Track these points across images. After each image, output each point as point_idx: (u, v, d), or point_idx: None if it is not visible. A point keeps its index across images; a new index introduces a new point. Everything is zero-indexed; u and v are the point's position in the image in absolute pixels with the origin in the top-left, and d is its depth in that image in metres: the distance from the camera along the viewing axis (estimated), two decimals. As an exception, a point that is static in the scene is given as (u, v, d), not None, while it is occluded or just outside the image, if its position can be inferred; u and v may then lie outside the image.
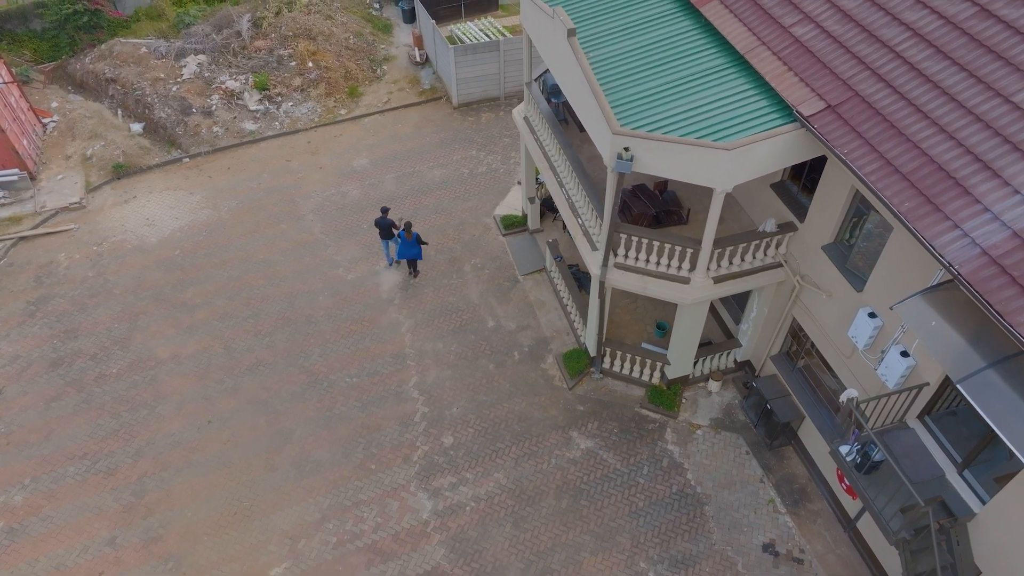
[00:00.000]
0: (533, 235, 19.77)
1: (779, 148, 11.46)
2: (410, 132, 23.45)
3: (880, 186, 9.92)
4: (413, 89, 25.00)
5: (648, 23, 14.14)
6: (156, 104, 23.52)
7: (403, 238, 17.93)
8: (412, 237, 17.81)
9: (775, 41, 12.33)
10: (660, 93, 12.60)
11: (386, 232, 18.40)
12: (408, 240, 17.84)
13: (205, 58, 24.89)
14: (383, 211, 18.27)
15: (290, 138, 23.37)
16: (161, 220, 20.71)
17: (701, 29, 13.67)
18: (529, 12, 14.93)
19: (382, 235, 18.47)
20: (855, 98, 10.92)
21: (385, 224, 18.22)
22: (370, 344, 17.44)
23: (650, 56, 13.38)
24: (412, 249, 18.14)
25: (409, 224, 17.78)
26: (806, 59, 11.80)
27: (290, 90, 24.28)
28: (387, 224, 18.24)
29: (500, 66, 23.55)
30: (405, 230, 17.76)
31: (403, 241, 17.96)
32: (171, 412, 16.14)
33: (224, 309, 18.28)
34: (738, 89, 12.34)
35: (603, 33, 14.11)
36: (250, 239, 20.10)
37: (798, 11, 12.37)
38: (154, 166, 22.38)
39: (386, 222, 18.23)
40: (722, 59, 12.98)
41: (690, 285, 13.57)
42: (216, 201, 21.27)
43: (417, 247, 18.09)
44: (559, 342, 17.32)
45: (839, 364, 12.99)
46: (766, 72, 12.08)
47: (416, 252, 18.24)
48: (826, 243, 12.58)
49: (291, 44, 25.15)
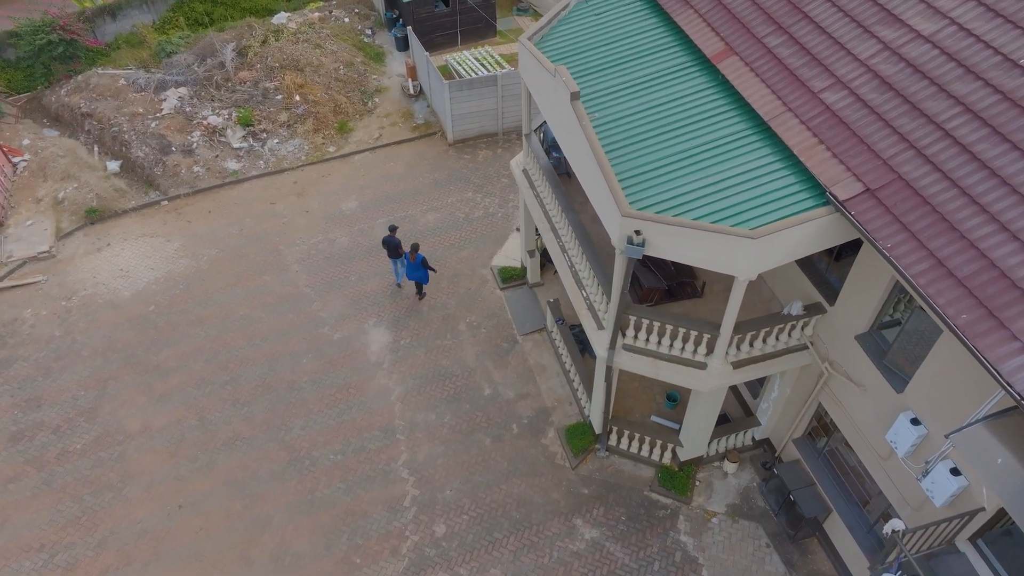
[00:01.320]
0: (533, 289, 18.47)
1: (810, 234, 10.16)
2: (402, 171, 22.14)
3: (931, 291, 8.62)
4: (406, 124, 23.70)
5: (659, 79, 12.83)
6: (134, 142, 22.21)
7: (407, 260, 17.46)
8: (416, 259, 17.22)
9: (803, 108, 11.02)
10: (674, 164, 11.29)
11: (393, 251, 17.96)
12: (412, 262, 17.29)
13: (186, 91, 23.58)
14: (391, 230, 17.88)
15: (275, 178, 22.07)
16: (136, 271, 19.39)
17: (718, 88, 12.37)
18: (528, 64, 13.63)
19: (390, 254, 18.09)
20: (898, 182, 9.61)
21: (393, 243, 17.86)
22: (357, 415, 16.13)
23: (662, 118, 12.07)
24: (417, 272, 17.53)
25: (416, 246, 17.17)
26: (840, 131, 10.50)
27: (276, 126, 22.97)
28: (395, 244, 17.89)
29: (498, 101, 22.26)
30: (410, 252, 17.15)
31: (408, 263, 17.39)
32: (139, 495, 14.82)
33: (200, 374, 16.96)
34: (762, 162, 11.03)
35: (610, 89, 12.80)
36: (230, 293, 18.79)
37: (829, 74, 11.07)
38: (130, 210, 21.07)
39: (394, 241, 17.87)
40: (743, 124, 11.68)
41: (707, 371, 12.26)
42: (195, 249, 19.96)
43: (422, 270, 17.50)
44: (561, 413, 16.01)
45: (873, 463, 11.69)
46: (794, 144, 10.77)
47: (421, 275, 17.69)
48: (860, 332, 11.29)
49: (277, 76, 23.85)
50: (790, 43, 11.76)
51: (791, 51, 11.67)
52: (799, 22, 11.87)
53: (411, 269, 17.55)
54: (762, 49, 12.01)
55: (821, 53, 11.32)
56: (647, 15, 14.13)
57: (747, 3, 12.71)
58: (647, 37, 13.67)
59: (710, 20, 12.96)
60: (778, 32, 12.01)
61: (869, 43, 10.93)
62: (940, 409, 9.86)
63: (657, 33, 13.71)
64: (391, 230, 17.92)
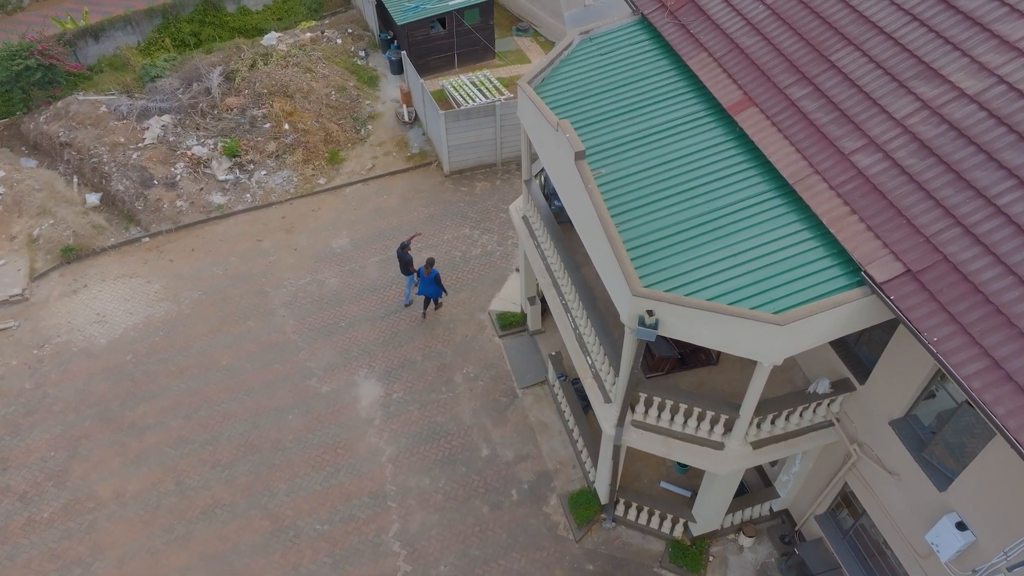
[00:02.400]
0: (534, 337, 17.41)
1: (843, 318, 9.11)
2: (396, 205, 21.09)
3: (986, 398, 7.57)
4: (400, 153, 22.65)
5: (671, 130, 11.76)
6: (114, 174, 21.16)
7: (421, 274, 16.99)
8: (431, 274, 16.82)
9: (832, 170, 9.97)
10: (689, 231, 10.23)
11: (405, 268, 17.63)
12: (427, 276, 16.90)
13: (170, 119, 22.52)
14: (403, 246, 17.47)
15: (262, 212, 21.02)
16: (113, 315, 18.33)
17: (737, 142, 11.31)
18: (528, 110, 12.58)
19: (402, 270, 17.74)
20: (944, 264, 8.56)
21: (405, 259, 17.54)
22: (345, 478, 15.07)
23: (675, 176, 11.02)
24: (430, 287, 17.13)
25: (431, 260, 16.84)
26: (874, 200, 9.44)
27: (263, 156, 21.92)
28: (407, 260, 17.56)
29: (496, 131, 21.21)
30: (425, 267, 16.69)
31: (422, 277, 16.99)
32: (109, 572, 13.75)
33: (178, 432, 15.90)
34: (787, 230, 9.98)
35: (617, 141, 11.75)
36: (213, 340, 17.73)
37: (860, 133, 10.01)
38: (109, 248, 20.01)
39: (406, 257, 17.52)
40: (765, 186, 10.63)
41: (724, 451, 11.20)
42: (177, 291, 18.90)
43: (435, 286, 17.03)
44: (564, 477, 14.95)
45: (908, 559, 10.64)
46: (822, 212, 9.72)
47: (435, 291, 17.31)
48: (896, 418, 10.24)
49: (266, 103, 22.79)
50: (816, 95, 10.71)
51: (817, 104, 10.62)
52: (825, 72, 10.82)
53: (425, 284, 17.11)
54: (785, 101, 10.96)
55: (851, 109, 10.26)
56: (657, 56, 13.07)
57: (767, 47, 11.66)
58: (657, 81, 12.62)
59: (726, 65, 11.90)
60: (802, 82, 10.96)
61: (905, 100, 9.88)
62: (993, 516, 8.82)
63: (668, 77, 12.65)
64: (403, 246, 17.44)
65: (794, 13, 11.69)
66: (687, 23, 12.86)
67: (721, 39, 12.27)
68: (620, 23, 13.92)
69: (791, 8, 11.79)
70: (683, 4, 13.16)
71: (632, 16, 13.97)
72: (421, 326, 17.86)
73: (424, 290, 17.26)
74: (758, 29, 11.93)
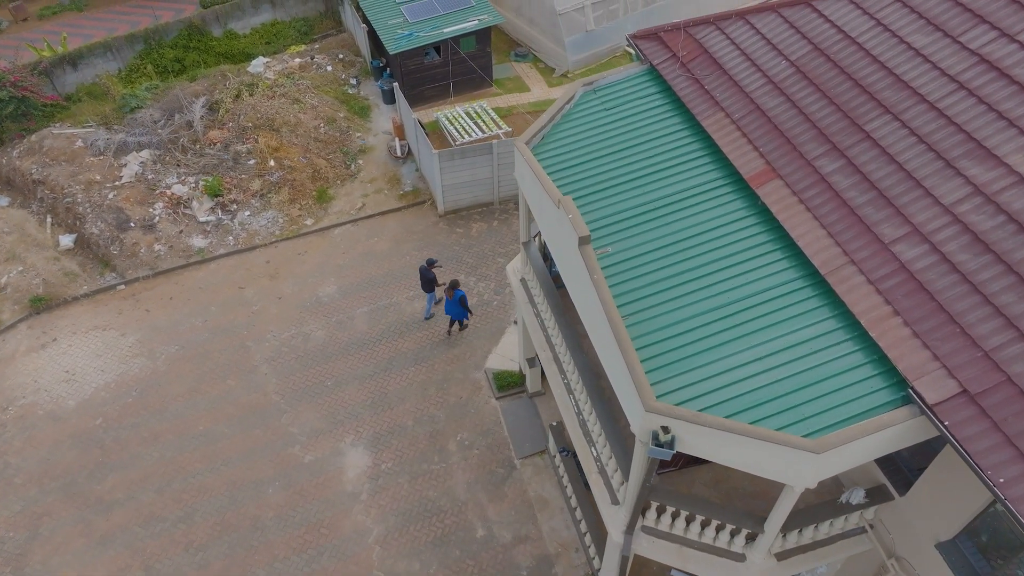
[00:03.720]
0: (533, 400, 16.24)
1: (887, 440, 7.95)
2: (387, 249, 19.92)
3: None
4: (392, 190, 21.48)
5: (684, 201, 10.58)
6: (89, 215, 20.00)
7: (446, 297, 16.70)
8: (455, 296, 16.41)
9: (870, 261, 8.80)
10: (707, 327, 9.05)
11: (427, 285, 17.33)
12: (451, 299, 16.55)
13: (149, 155, 21.37)
14: (429, 263, 17.18)
15: (246, 257, 19.84)
16: (83, 373, 17.16)
17: (758, 217, 10.13)
18: (525, 175, 11.42)
19: (423, 287, 17.44)
20: (1008, 387, 7.40)
21: (428, 277, 17.21)
22: (329, 562, 13.89)
23: (690, 259, 9.84)
24: (455, 309, 16.78)
25: (455, 283, 16.41)
26: (921, 301, 8.28)
27: (247, 196, 20.76)
28: (430, 278, 17.23)
29: (494, 170, 20.05)
30: (448, 290, 16.18)
31: (447, 300, 16.72)
32: (69, 674, 12.62)
33: (149, 508, 14.73)
34: (820, 329, 8.80)
35: (624, 213, 10.57)
36: (189, 402, 16.55)
37: (902, 219, 8.85)
38: (82, 296, 18.84)
39: (429, 275, 17.19)
40: (793, 272, 9.47)
41: (746, 564, 10.04)
42: (152, 345, 17.73)
43: (460, 308, 16.48)
44: (566, 562, 13.77)
45: None
46: (860, 311, 8.55)
47: (459, 312, 16.94)
48: (943, 540, 9.06)
49: (250, 137, 21.63)
50: (849, 171, 9.55)
51: (850, 181, 9.46)
52: (859, 143, 9.66)
53: (450, 306, 16.81)
54: (813, 175, 9.80)
55: (890, 189, 9.11)
56: (668, 113, 11.90)
57: (791, 110, 10.50)
58: (669, 143, 11.44)
59: (746, 129, 10.73)
60: (833, 154, 9.80)
61: (954, 183, 8.73)
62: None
63: (680, 138, 11.47)
64: (429, 263, 17.18)
65: (821, 72, 10.53)
66: (701, 77, 11.69)
67: (739, 98, 11.11)
68: (627, 72, 12.75)
69: (818, 66, 10.63)
70: (696, 56, 12.00)
71: (640, 65, 12.80)
72: (412, 386, 16.69)
73: (449, 311, 16.95)
74: (781, 89, 10.77)
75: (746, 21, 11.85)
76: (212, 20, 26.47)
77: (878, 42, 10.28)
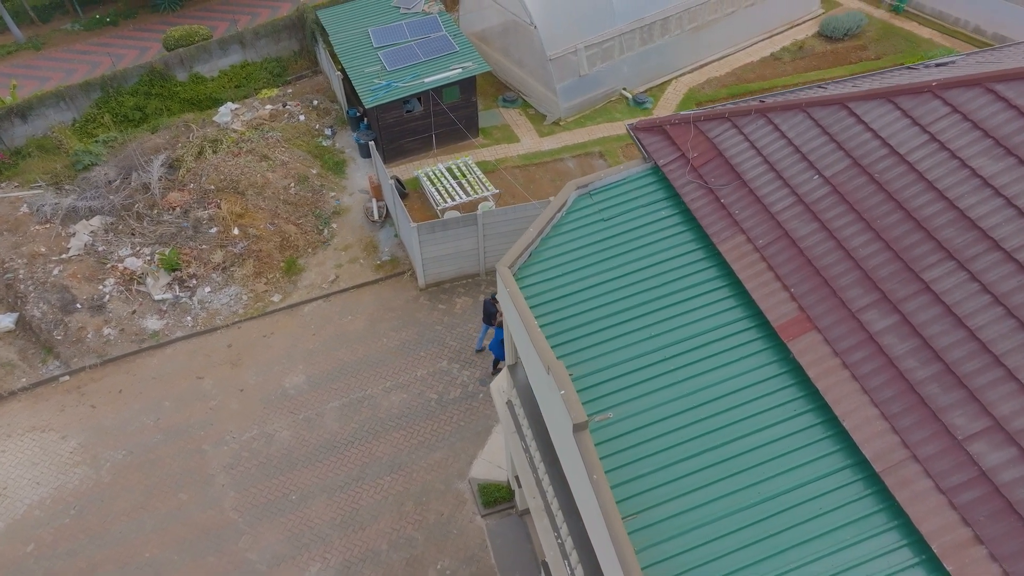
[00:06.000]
0: (523, 518, 14.43)
1: None
2: (362, 329, 18.07)
3: None
4: (369, 259, 19.64)
5: (699, 350, 8.72)
6: (31, 294, 18.09)
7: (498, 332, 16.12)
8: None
9: (940, 464, 6.97)
10: (733, 536, 7.25)
11: (488, 318, 16.83)
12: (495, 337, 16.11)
13: (100, 222, 19.49)
14: (493, 296, 16.61)
15: (205, 340, 17.95)
16: (16, 487, 15.26)
17: (792, 376, 8.34)
18: (508, 307, 9.61)
19: (484, 320, 16.99)
20: None
21: (490, 311, 16.68)
22: None
23: (707, 434, 8.00)
24: (499, 348, 15.91)
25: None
26: (1014, 527, 6.50)
27: (208, 269, 18.88)
28: (492, 312, 16.64)
29: (479, 241, 18.25)
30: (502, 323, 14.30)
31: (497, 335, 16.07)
32: None
33: (83, 660, 12.87)
34: (877, 545, 7.01)
35: (627, 365, 8.75)
36: (135, 522, 14.67)
37: (979, 407, 7.01)
38: (19, 390, 16.94)
39: (491, 308, 16.60)
40: (836, 457, 7.61)
41: None
42: (96, 451, 15.84)
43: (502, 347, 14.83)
44: None
45: None
46: (929, 530, 6.70)
47: (500, 352, 15.90)
48: None
49: (213, 201, 19.76)
50: (905, 332, 7.75)
51: (907, 347, 7.66)
52: (917, 297, 7.86)
53: (496, 343, 16.15)
54: (859, 332, 7.99)
55: (961, 365, 7.31)
56: (676, 228, 10.07)
57: (829, 242, 8.69)
58: (679, 266, 9.63)
59: (773, 261, 8.94)
60: (884, 306, 8.00)
61: (1045, 366, 6.96)
62: None
63: (693, 260, 9.66)
64: (493, 297, 16.61)
65: (864, 197, 8.74)
66: (715, 187, 9.91)
67: (763, 218, 9.32)
68: (627, 173, 10.93)
69: (858, 187, 8.83)
70: (709, 158, 10.21)
71: (643, 164, 11.01)
72: (387, 500, 14.87)
73: (493, 348, 16.41)
74: (814, 212, 8.98)
75: (768, 120, 10.07)
76: (176, 63, 24.57)
77: (933, 163, 8.49)
